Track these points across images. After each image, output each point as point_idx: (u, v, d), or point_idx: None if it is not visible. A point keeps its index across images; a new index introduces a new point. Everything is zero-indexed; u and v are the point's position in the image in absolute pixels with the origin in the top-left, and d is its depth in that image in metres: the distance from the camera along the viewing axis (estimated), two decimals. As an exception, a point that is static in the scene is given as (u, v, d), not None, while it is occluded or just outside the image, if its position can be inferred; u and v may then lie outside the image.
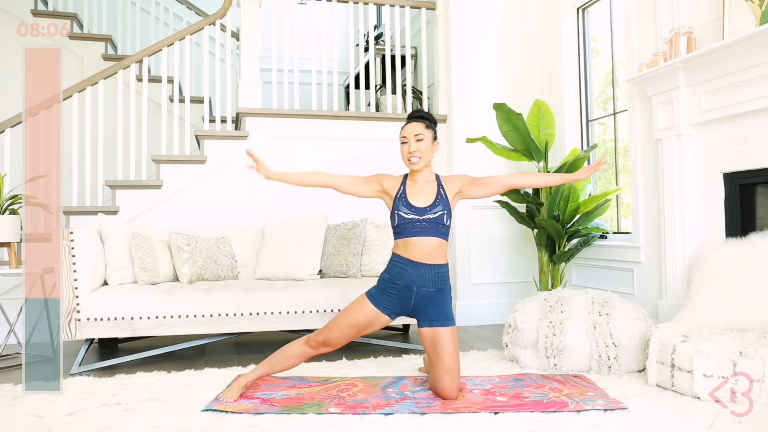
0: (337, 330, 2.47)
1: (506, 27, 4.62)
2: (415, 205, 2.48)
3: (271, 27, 4.71)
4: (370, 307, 2.48)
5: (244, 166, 4.27)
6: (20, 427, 2.11)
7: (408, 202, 2.49)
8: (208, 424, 2.13)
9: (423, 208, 2.47)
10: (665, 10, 3.36)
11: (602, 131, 4.36)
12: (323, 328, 2.50)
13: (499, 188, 2.64)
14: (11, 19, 5.17)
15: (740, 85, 2.89)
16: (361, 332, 2.50)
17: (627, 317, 2.82)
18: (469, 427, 2.09)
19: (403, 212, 2.48)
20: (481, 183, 2.61)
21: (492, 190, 2.63)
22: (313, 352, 2.49)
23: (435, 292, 2.47)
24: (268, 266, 3.60)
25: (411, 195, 2.51)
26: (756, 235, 2.82)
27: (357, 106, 6.17)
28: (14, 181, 4.18)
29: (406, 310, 2.50)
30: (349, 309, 2.51)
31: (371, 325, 2.50)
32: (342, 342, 2.49)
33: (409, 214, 2.47)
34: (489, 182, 2.62)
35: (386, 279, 2.51)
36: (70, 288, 2.97)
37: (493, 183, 2.62)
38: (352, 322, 2.47)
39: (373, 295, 2.50)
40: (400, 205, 2.49)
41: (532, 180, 2.75)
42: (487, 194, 2.63)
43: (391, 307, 2.49)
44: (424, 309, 2.48)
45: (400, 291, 2.47)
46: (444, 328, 2.44)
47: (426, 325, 2.47)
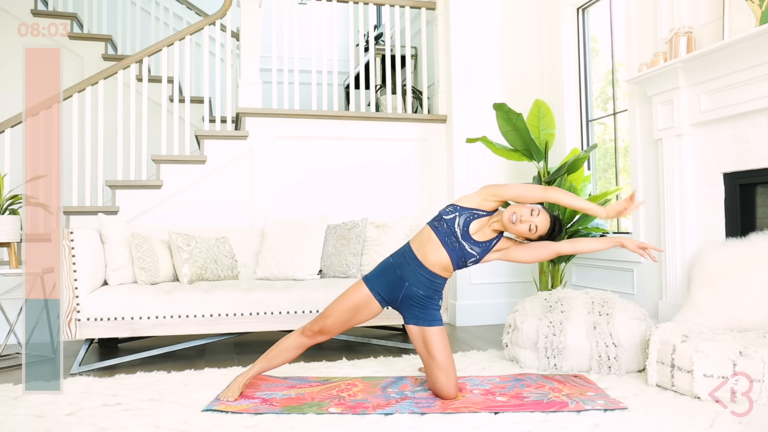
0: (333, 316, 2.49)
1: (506, 27, 4.62)
2: (469, 231, 2.46)
3: (271, 27, 4.71)
4: (365, 291, 2.50)
5: (244, 167, 4.28)
6: (20, 427, 2.11)
7: (469, 224, 2.47)
8: (208, 424, 2.13)
9: (470, 237, 2.46)
10: (665, 10, 3.36)
11: (602, 131, 4.36)
12: (318, 316, 2.53)
13: (547, 255, 2.57)
14: (11, 19, 5.17)
15: (740, 85, 2.89)
16: (355, 317, 2.51)
17: (627, 317, 2.82)
18: (469, 427, 2.09)
19: (458, 222, 2.46)
20: (530, 247, 2.55)
21: (539, 256, 2.56)
22: (310, 342, 2.51)
23: (423, 297, 2.49)
24: (268, 266, 3.60)
25: (476, 227, 2.48)
26: (756, 235, 2.82)
27: (357, 106, 6.17)
28: (14, 181, 4.18)
29: (394, 301, 2.52)
30: (345, 293, 2.55)
31: (364, 308, 2.50)
32: (337, 329, 2.51)
33: (458, 228, 2.45)
34: (537, 246, 2.55)
35: (389, 263, 2.54)
36: (70, 288, 2.97)
37: (541, 246, 2.55)
38: (347, 306, 2.49)
39: (369, 279, 2.53)
40: (464, 216, 2.47)
41: (579, 246, 2.62)
42: (533, 260, 2.57)
43: (383, 294, 2.50)
44: (410, 307, 2.50)
45: (395, 280, 2.49)
46: (431, 327, 2.46)
47: (412, 322, 2.50)
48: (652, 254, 2.53)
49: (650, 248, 2.51)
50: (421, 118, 4.61)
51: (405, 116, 4.59)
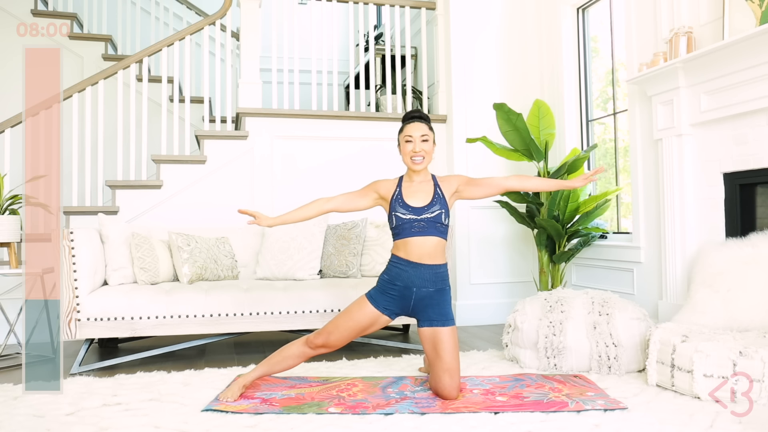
0: (337, 333, 2.47)
1: (506, 27, 4.62)
2: (413, 205, 2.48)
3: (271, 27, 4.71)
4: (371, 309, 2.48)
5: (244, 167, 4.28)
6: (20, 427, 2.11)
7: (405, 203, 2.49)
8: (208, 424, 2.13)
9: (420, 207, 2.47)
10: (665, 10, 3.36)
11: (602, 131, 4.36)
12: (322, 329, 2.50)
13: (495, 190, 2.65)
14: (11, 19, 5.17)
15: (740, 85, 2.89)
16: (362, 333, 2.51)
17: (627, 317, 2.82)
18: (469, 427, 2.09)
19: (401, 213, 2.47)
20: (478, 184, 2.62)
21: (488, 191, 2.64)
22: (313, 352, 2.50)
23: (435, 292, 2.47)
24: (268, 266, 3.60)
25: (407, 195, 2.51)
26: (756, 235, 2.82)
27: (357, 106, 6.17)
28: (14, 181, 4.18)
29: (406, 310, 2.50)
30: (349, 310, 2.51)
31: (371, 326, 2.50)
32: (341, 344, 2.50)
33: (407, 214, 2.46)
34: (485, 183, 2.63)
35: (386, 280, 2.51)
36: (70, 288, 2.97)
37: (489, 184, 2.63)
38: (353, 324, 2.47)
39: (372, 296, 2.50)
40: (397, 206, 2.49)
41: (528, 183, 2.74)
42: (483, 195, 2.64)
43: (391, 307, 2.49)
44: (424, 309, 2.48)
45: (400, 292, 2.47)
46: (444, 327, 2.44)
47: (426, 324, 2.47)
48: (596, 176, 2.67)
49: (594, 172, 2.65)
50: (421, 118, 4.61)
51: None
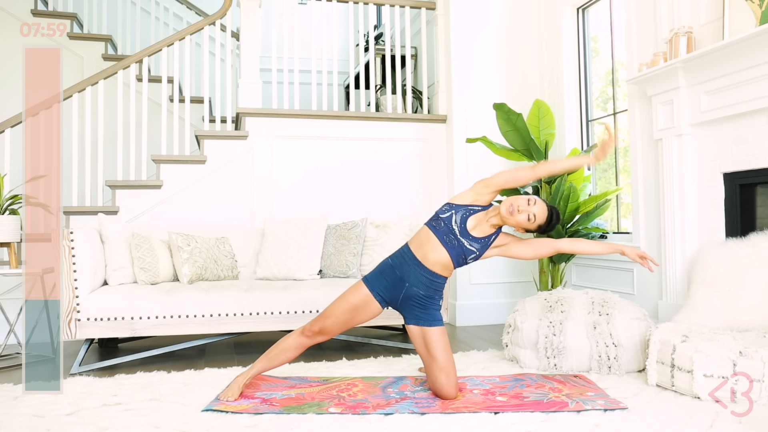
0: (333, 317, 2.49)
1: (506, 27, 4.62)
2: (467, 228, 2.46)
3: (271, 27, 4.72)
4: (365, 291, 2.50)
5: (244, 167, 4.28)
6: (20, 427, 2.11)
7: (466, 220, 2.47)
8: (208, 424, 2.13)
9: (468, 234, 2.46)
10: (665, 10, 3.36)
11: (602, 131, 4.36)
12: (318, 317, 2.53)
13: (546, 251, 2.58)
14: (11, 19, 5.17)
15: (740, 85, 2.89)
16: (355, 317, 2.51)
17: (627, 317, 2.82)
18: (469, 427, 2.09)
19: (455, 220, 2.46)
20: (529, 243, 2.56)
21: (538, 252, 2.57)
22: (310, 342, 2.51)
23: (423, 297, 2.49)
24: (268, 266, 3.60)
25: (473, 222, 2.48)
26: (756, 235, 2.82)
27: (357, 106, 6.17)
28: (14, 181, 4.18)
29: (395, 302, 2.52)
30: (344, 293, 2.55)
31: (364, 309, 2.50)
32: (337, 329, 2.51)
33: (456, 225, 2.45)
34: (536, 243, 2.55)
35: (388, 264, 2.54)
36: (70, 288, 2.97)
37: (540, 243, 2.56)
38: (347, 306, 2.49)
39: (369, 279, 2.53)
40: (460, 214, 2.47)
41: (579, 247, 2.63)
42: (532, 256, 2.57)
43: (383, 294, 2.50)
44: (411, 308, 2.50)
45: (395, 280, 2.49)
46: (432, 327, 2.46)
47: (413, 323, 2.50)
48: (649, 264, 2.54)
49: (649, 259, 2.53)
50: (421, 118, 4.62)
51: (405, 116, 4.59)
